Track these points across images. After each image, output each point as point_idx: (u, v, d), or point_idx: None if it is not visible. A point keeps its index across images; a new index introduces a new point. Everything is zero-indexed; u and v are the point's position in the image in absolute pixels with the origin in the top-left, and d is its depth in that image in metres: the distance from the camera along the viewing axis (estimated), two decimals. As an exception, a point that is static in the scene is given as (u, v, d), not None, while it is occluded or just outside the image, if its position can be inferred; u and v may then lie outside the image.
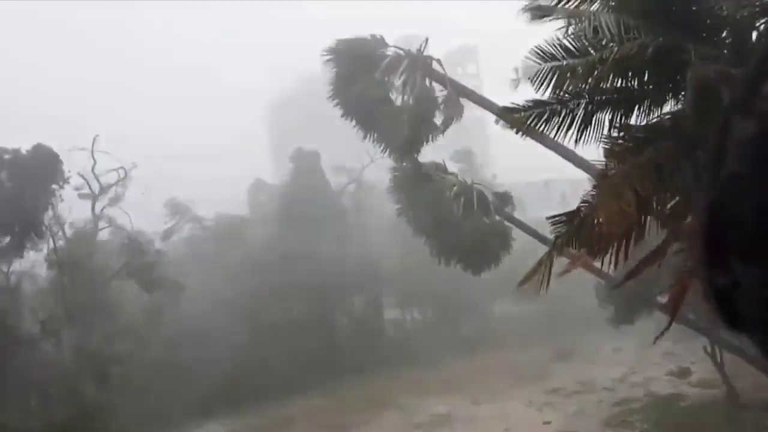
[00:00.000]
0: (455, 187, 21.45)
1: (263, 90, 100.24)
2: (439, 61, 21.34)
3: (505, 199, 22.58)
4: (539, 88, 11.05)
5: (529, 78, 11.35)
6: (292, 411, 31.54)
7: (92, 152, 37.34)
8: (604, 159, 10.71)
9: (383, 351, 38.92)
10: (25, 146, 31.21)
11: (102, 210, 38.02)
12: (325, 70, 22.75)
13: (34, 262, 32.94)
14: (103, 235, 37.96)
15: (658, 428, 22.54)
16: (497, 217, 21.82)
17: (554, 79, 10.85)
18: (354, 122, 21.39)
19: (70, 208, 35.96)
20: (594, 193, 10.57)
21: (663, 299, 22.06)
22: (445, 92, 21.17)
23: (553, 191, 42.00)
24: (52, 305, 30.90)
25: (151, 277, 32.18)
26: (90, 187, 37.73)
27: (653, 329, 30.12)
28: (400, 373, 35.15)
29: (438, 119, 21.35)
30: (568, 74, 10.79)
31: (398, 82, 20.87)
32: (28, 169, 30.24)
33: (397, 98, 20.94)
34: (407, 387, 32.68)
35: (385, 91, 20.82)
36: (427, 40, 21.59)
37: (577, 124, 11.21)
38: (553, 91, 11.05)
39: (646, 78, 10.80)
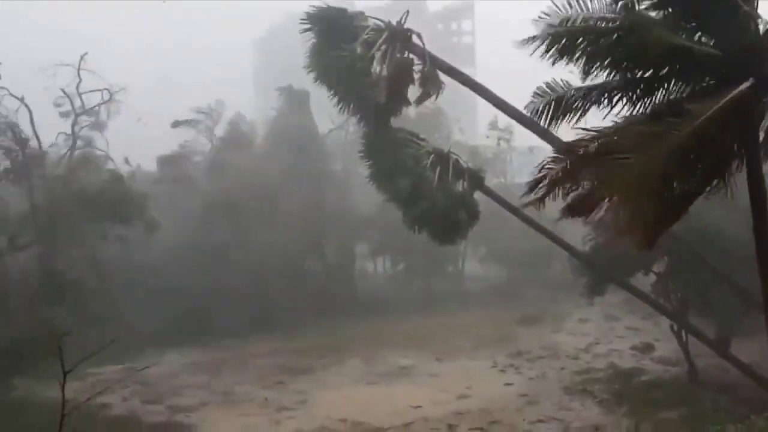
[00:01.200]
0: (432, 156, 21.05)
1: (251, 24, 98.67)
2: (419, 35, 20.91)
3: (477, 175, 22.25)
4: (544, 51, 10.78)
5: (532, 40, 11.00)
6: (255, 349, 31.49)
7: (78, 70, 36.27)
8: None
9: (352, 299, 38.94)
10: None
11: (80, 130, 37.06)
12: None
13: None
14: (87, 159, 37.00)
15: (617, 399, 22.74)
16: (467, 188, 21.50)
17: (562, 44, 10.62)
18: (330, 90, 20.95)
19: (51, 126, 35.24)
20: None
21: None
22: (423, 66, 20.81)
23: (538, 157, 41.66)
24: (21, 222, 30.15)
25: (124, 209, 31.30)
26: (72, 105, 36.73)
27: (621, 303, 30.61)
28: (366, 322, 35.21)
29: (415, 93, 21.06)
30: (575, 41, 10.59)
31: (377, 53, 20.33)
32: None
33: (375, 69, 20.41)
34: (372, 337, 32.75)
35: (364, 62, 20.28)
36: (407, 12, 21.13)
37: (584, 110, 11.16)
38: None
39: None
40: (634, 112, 10.88)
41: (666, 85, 10.71)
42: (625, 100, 10.89)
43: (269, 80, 58.58)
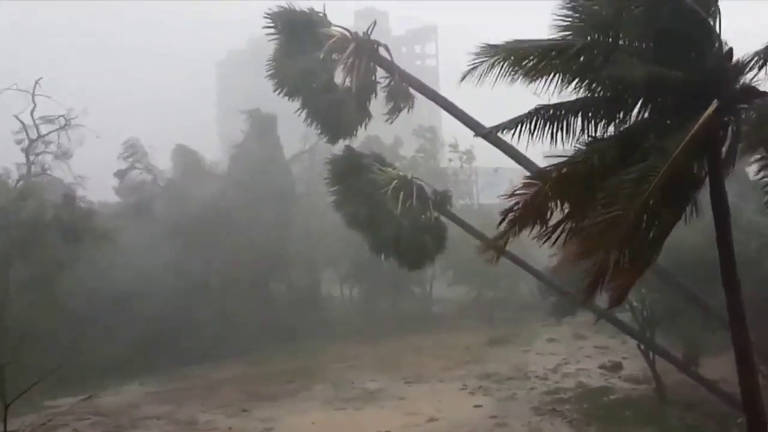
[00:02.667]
0: (395, 181, 20.86)
1: (213, 51, 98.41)
2: (386, 47, 20.71)
3: (444, 197, 22.14)
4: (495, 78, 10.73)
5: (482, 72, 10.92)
6: (220, 376, 30.84)
7: (33, 95, 35.56)
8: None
9: (318, 323, 38.41)
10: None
11: (35, 158, 36.27)
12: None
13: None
14: (41, 185, 36.05)
15: (586, 418, 22.58)
16: (434, 213, 21.32)
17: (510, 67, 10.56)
18: (290, 99, 20.61)
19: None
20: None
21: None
22: (390, 79, 20.65)
23: (503, 178, 41.86)
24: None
25: (74, 228, 30.51)
26: (26, 132, 35.96)
27: (589, 322, 30.54)
28: (333, 346, 34.77)
29: (384, 107, 20.86)
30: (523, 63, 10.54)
31: (341, 64, 20.07)
32: None
33: (341, 80, 20.15)
34: (339, 361, 32.32)
35: (329, 72, 20.02)
36: (374, 22, 20.93)
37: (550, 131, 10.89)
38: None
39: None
40: (599, 133, 10.80)
41: (632, 106, 10.68)
42: (585, 122, 10.81)
43: (233, 103, 58.13)
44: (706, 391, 20.95)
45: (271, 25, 20.21)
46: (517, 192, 10.45)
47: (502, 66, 10.56)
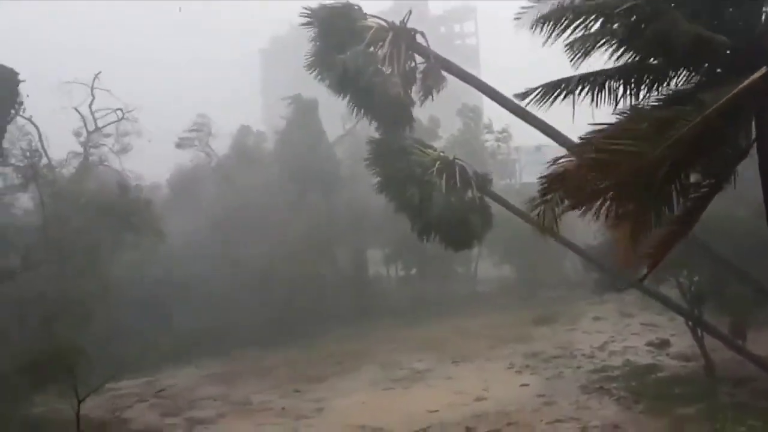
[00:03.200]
0: (438, 163, 21.03)
1: (256, 34, 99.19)
2: (423, 34, 20.93)
3: (484, 179, 22.26)
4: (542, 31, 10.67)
5: (531, 26, 10.94)
6: (271, 360, 31.58)
7: (92, 88, 36.59)
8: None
9: (365, 305, 38.96)
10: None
11: (91, 148, 37.41)
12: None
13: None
14: (96, 174, 37.36)
15: (634, 396, 22.58)
16: (477, 194, 21.47)
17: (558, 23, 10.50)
18: (336, 91, 20.96)
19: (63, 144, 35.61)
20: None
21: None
22: (426, 64, 20.84)
23: (546, 156, 41.61)
24: (34, 239, 30.41)
25: (132, 222, 31.51)
26: (85, 124, 37.07)
27: (636, 299, 30.45)
28: (380, 328, 35.27)
29: (416, 90, 21.09)
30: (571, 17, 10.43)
31: (381, 54, 20.36)
32: None
33: (386, 69, 20.44)
34: (387, 342, 32.78)
35: (372, 63, 20.31)
36: (410, 12, 21.28)
37: (592, 94, 10.85)
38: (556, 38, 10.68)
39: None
40: (641, 102, 10.71)
41: (677, 73, 10.61)
42: (629, 88, 10.73)
43: (277, 90, 58.74)
44: (756, 368, 20.87)
45: (309, 21, 20.61)
46: (559, 162, 10.27)
47: (548, 27, 10.54)
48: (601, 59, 10.72)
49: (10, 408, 23.73)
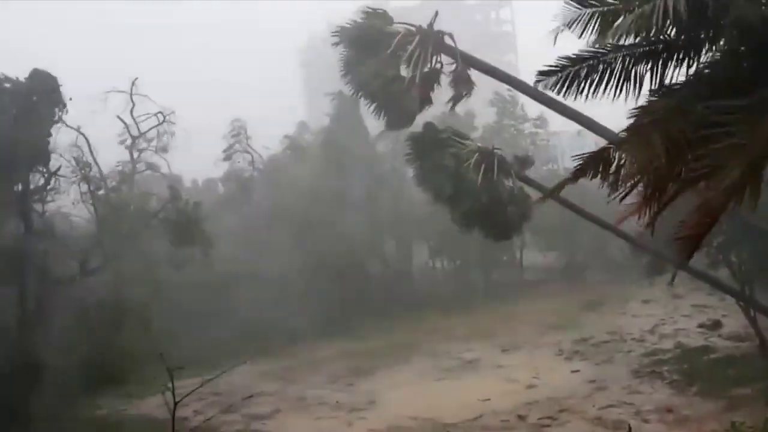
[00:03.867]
0: (476, 154, 21.18)
1: (294, 34, 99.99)
2: (451, 36, 20.96)
3: (525, 161, 22.33)
4: (581, 33, 10.72)
5: (566, 24, 10.98)
6: (322, 354, 32.14)
7: (131, 95, 37.30)
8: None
9: (413, 297, 39.30)
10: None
11: (140, 154, 38.22)
12: (356, 15, 22.53)
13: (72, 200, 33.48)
14: (144, 180, 38.30)
15: (687, 379, 22.50)
16: (518, 183, 21.57)
17: (597, 23, 10.52)
18: (367, 102, 21.28)
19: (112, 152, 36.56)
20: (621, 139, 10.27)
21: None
22: (455, 65, 20.89)
23: (588, 140, 41.29)
24: (89, 246, 31.42)
25: (183, 230, 32.20)
26: (128, 130, 37.89)
27: (685, 281, 30.13)
28: (428, 319, 35.54)
29: (447, 94, 21.18)
30: (611, 19, 10.43)
31: (408, 56, 20.49)
32: (27, 96, 29.28)
33: (409, 73, 20.62)
34: (435, 333, 33.06)
35: (396, 69, 20.52)
36: (437, 13, 21.21)
37: (616, 79, 10.69)
38: (597, 38, 10.68)
39: (684, 25, 10.35)
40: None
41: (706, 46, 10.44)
42: (656, 66, 10.60)
43: (318, 88, 59.40)
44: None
45: (339, 41, 20.93)
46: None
47: (586, 18, 10.45)
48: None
49: (78, 410, 24.75)
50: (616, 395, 22.03)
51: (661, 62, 10.54)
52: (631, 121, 10.15)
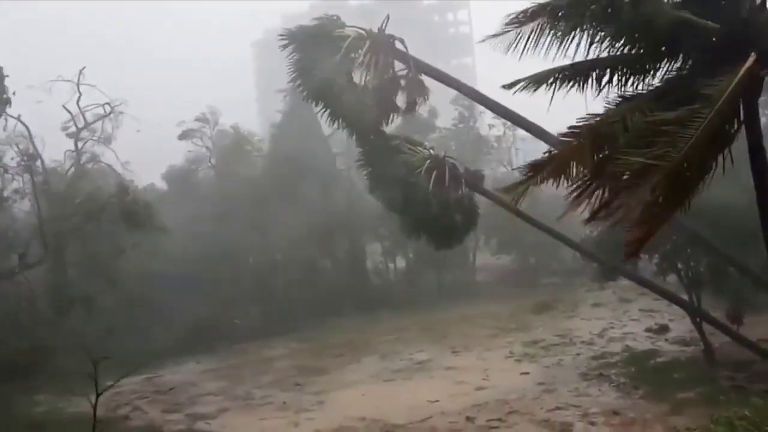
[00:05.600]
0: (427, 162, 21.01)
1: (246, 29, 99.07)
2: (402, 41, 20.69)
3: (476, 176, 22.30)
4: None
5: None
6: (271, 352, 31.74)
7: (78, 84, 36.25)
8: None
9: (365, 297, 39.04)
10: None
11: (83, 145, 37.17)
12: (311, 11, 22.21)
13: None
14: (96, 173, 37.24)
15: (634, 382, 22.71)
16: (466, 191, 21.50)
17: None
18: (318, 106, 20.98)
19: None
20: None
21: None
22: (407, 71, 20.66)
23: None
24: (30, 238, 30.46)
25: (134, 218, 31.48)
26: (74, 122, 36.82)
27: (634, 286, 30.50)
28: (380, 319, 35.39)
29: (401, 99, 20.82)
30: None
31: (360, 61, 20.21)
32: None
33: (360, 78, 20.30)
34: (387, 333, 32.91)
35: (347, 73, 20.20)
36: (387, 17, 20.86)
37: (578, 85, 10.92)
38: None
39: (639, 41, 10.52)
40: (628, 90, 10.71)
41: (665, 62, 10.61)
42: (616, 78, 10.76)
43: (271, 82, 58.66)
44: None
45: (288, 43, 20.51)
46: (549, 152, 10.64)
47: (534, 28, 10.51)
48: (596, 48, 10.72)
49: (14, 408, 23.88)
50: (564, 397, 22.10)
51: (619, 73, 10.72)
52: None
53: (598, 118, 10.23)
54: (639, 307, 32.19)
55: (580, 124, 10.32)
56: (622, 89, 10.71)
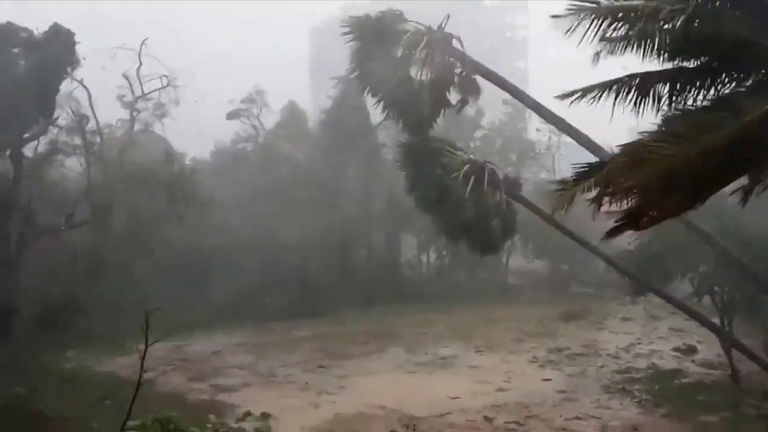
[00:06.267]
0: (467, 166, 21.10)
1: (306, 15, 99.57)
2: (459, 39, 20.82)
3: (514, 183, 22.34)
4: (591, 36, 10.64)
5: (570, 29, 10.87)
6: (299, 333, 32.14)
7: (139, 55, 37.12)
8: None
9: (396, 288, 39.29)
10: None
11: (137, 114, 38.02)
12: (372, 5, 22.51)
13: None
14: (142, 141, 38.07)
15: (656, 400, 22.52)
16: (504, 197, 21.55)
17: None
18: (373, 96, 21.23)
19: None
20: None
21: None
22: (461, 70, 20.77)
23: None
24: (79, 199, 31.30)
25: (179, 189, 32.17)
26: (132, 90, 37.71)
27: (665, 303, 30.20)
28: (409, 312, 35.59)
29: (454, 97, 21.17)
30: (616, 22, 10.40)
31: (417, 57, 20.41)
32: (42, 49, 29.38)
33: (416, 74, 20.52)
34: (414, 326, 33.08)
35: (405, 68, 20.44)
36: (448, 16, 21.09)
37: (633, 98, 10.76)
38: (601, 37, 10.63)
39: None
40: (682, 105, 10.58)
41: (724, 78, 10.46)
42: (674, 93, 10.63)
43: (325, 69, 59.09)
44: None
45: (348, 32, 20.81)
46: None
47: (591, 27, 10.35)
48: (654, 61, 10.67)
49: (44, 361, 24.69)
50: (584, 408, 22.05)
51: (679, 86, 10.57)
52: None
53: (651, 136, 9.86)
54: (669, 326, 31.87)
55: (633, 141, 10.10)
56: (681, 105, 10.60)
